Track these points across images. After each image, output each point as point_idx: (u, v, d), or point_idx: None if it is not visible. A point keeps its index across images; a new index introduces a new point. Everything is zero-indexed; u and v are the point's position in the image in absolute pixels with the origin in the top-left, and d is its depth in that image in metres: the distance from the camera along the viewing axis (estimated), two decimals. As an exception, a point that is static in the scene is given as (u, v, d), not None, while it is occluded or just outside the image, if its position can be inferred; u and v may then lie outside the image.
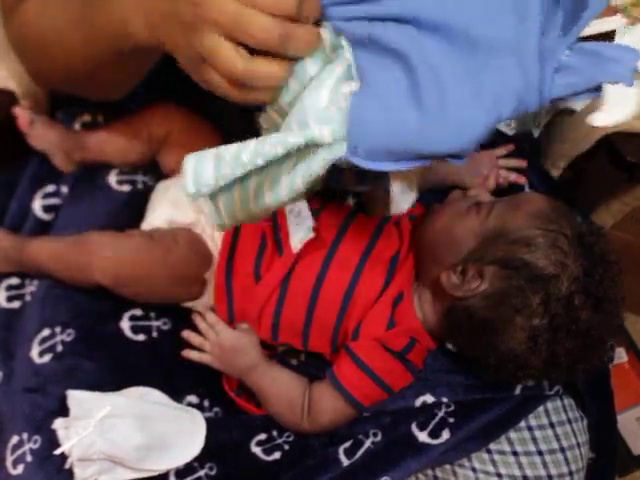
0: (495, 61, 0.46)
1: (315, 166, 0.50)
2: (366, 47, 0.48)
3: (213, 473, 0.75)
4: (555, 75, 0.47)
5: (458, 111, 0.45)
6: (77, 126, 0.88)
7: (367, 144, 0.48)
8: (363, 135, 0.48)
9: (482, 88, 0.46)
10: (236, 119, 0.57)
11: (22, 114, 0.83)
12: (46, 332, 0.77)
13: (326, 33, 0.49)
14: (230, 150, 0.50)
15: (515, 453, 0.76)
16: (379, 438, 0.77)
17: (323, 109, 0.48)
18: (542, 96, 0.47)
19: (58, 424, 0.71)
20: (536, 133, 1.01)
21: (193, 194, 0.51)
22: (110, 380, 0.75)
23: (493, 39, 0.46)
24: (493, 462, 0.76)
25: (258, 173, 0.52)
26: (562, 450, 0.76)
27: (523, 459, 0.75)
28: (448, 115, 0.45)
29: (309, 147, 0.49)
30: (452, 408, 0.78)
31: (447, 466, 0.77)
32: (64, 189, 0.86)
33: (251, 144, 0.50)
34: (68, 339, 0.77)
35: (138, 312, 0.81)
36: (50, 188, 0.86)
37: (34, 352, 0.76)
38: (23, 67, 0.78)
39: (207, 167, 0.50)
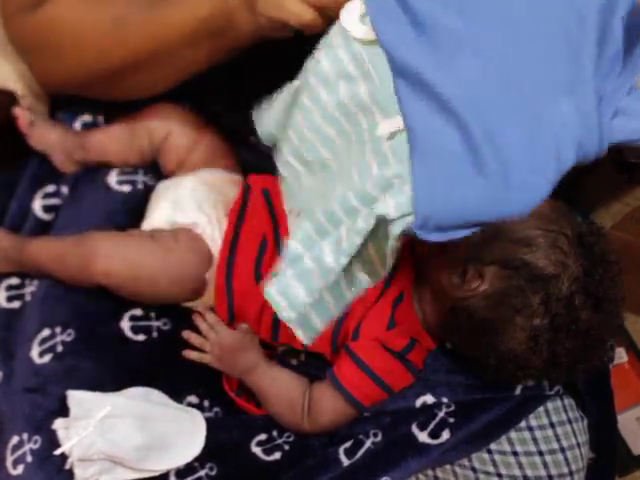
0: (550, 108, 0.44)
1: (391, 243, 0.49)
2: (410, 84, 0.46)
3: (213, 473, 0.75)
4: (614, 120, 0.45)
5: (522, 176, 0.44)
6: (77, 126, 0.88)
7: (437, 219, 0.47)
8: (434, 210, 0.46)
9: (541, 140, 0.44)
10: (236, 119, 0.56)
11: (22, 114, 0.83)
12: (46, 332, 0.77)
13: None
14: (307, 263, 0.51)
15: (515, 453, 0.76)
16: (379, 438, 0.77)
17: (379, 176, 0.47)
18: (602, 142, 0.45)
19: (58, 424, 0.71)
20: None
21: (292, 319, 0.53)
22: (110, 380, 0.75)
23: (544, 81, 0.44)
24: (493, 462, 0.76)
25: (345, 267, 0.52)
26: (562, 450, 0.76)
27: (523, 459, 0.75)
28: (513, 182, 0.44)
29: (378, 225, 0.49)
30: (452, 408, 0.78)
31: (447, 466, 0.78)
32: (64, 189, 0.86)
33: (325, 248, 0.50)
34: (68, 339, 0.77)
35: (138, 312, 0.81)
36: (50, 188, 0.86)
37: (34, 352, 0.76)
38: (26, 67, 0.78)
39: (295, 289, 0.51)
